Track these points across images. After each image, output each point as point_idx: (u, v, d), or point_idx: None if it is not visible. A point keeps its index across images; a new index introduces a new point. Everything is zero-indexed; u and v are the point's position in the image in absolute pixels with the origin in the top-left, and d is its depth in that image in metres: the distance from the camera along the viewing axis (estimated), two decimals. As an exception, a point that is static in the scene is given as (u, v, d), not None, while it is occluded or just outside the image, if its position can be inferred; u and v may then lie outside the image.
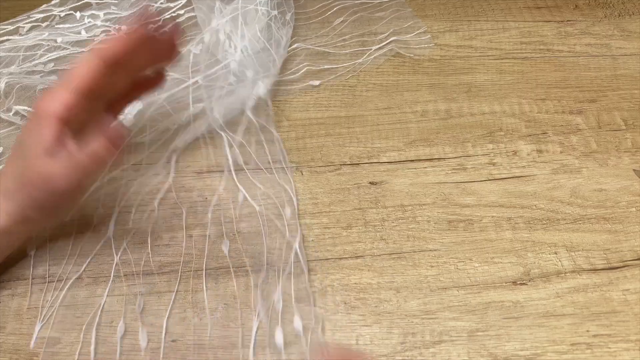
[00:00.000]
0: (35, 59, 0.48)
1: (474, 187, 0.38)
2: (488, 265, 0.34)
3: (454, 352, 0.30)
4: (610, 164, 0.39)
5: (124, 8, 0.53)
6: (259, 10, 0.49)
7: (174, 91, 0.45)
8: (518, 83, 0.45)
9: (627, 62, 0.46)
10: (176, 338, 0.31)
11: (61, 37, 0.50)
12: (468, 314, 0.32)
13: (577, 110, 0.43)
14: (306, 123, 0.42)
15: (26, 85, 0.43)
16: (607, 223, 0.36)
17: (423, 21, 0.50)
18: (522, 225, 0.36)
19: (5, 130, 0.42)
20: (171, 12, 0.53)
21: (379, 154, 0.40)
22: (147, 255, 0.35)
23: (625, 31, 0.49)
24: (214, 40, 0.48)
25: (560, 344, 0.30)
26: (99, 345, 0.31)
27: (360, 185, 0.38)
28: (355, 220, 0.36)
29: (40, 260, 0.35)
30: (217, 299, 0.33)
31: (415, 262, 0.34)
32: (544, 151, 0.40)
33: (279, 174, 0.39)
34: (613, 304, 0.32)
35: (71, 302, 0.33)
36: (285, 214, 0.36)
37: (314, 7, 0.53)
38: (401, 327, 0.31)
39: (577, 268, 0.34)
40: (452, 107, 0.43)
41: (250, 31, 0.49)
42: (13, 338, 0.31)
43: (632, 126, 0.41)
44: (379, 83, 0.45)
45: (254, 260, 0.35)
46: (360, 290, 0.33)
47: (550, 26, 0.50)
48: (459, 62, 0.47)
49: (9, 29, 0.50)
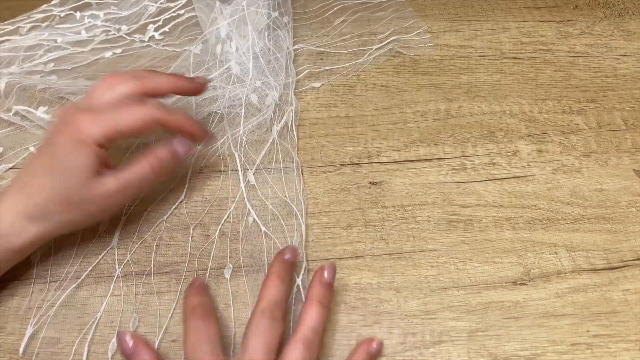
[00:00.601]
0: (36, 59, 0.48)
1: (474, 187, 0.38)
2: (488, 265, 0.34)
3: (454, 352, 0.30)
4: (610, 164, 0.39)
5: (124, 8, 0.53)
6: (259, 12, 0.49)
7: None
8: (518, 83, 0.45)
9: (627, 62, 0.46)
10: (176, 338, 0.31)
11: (61, 37, 0.50)
12: (468, 314, 0.32)
13: (577, 110, 0.43)
14: (306, 123, 0.42)
15: (26, 86, 0.43)
16: (607, 223, 0.36)
17: (423, 21, 0.50)
18: (522, 225, 0.36)
19: (5, 131, 0.42)
20: (171, 12, 0.53)
21: (379, 154, 0.40)
22: (147, 255, 0.35)
23: (625, 31, 0.49)
24: (214, 41, 0.48)
25: (560, 344, 0.30)
26: (99, 345, 0.31)
27: (360, 185, 0.38)
28: (355, 220, 0.36)
29: (41, 260, 0.35)
30: (217, 299, 0.33)
31: (415, 262, 0.34)
32: (544, 151, 0.40)
33: (285, 173, 0.39)
34: (613, 304, 0.32)
35: (71, 302, 0.33)
36: (287, 214, 0.36)
37: (314, 7, 0.53)
38: (401, 327, 0.31)
39: (577, 268, 0.34)
40: (452, 107, 0.43)
41: (251, 32, 0.49)
42: (13, 338, 0.31)
43: (632, 126, 0.41)
44: (379, 83, 0.45)
45: (254, 260, 0.35)
46: (360, 290, 0.33)
47: (550, 26, 0.50)
48: (459, 62, 0.47)
49: (9, 29, 0.50)
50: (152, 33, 0.51)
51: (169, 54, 0.49)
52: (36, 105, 0.43)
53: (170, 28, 0.52)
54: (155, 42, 0.50)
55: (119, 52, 0.49)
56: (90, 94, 0.33)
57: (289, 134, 0.41)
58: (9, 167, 0.40)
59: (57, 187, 0.30)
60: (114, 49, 0.49)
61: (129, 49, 0.49)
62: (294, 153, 0.40)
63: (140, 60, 0.48)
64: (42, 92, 0.43)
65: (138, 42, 0.50)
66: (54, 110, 0.43)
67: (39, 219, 0.30)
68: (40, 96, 0.43)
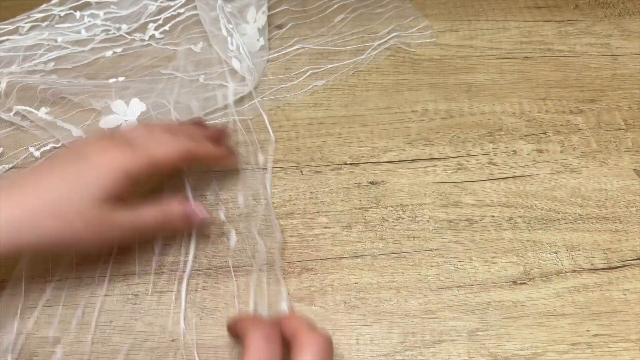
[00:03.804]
0: (36, 59, 0.48)
1: (474, 186, 0.38)
2: (488, 264, 0.34)
3: (454, 352, 0.30)
4: (610, 163, 0.39)
5: (124, 7, 0.53)
6: (259, 10, 0.49)
7: (176, 91, 0.45)
8: (518, 83, 0.45)
9: (627, 62, 0.46)
10: (176, 338, 0.31)
11: (61, 36, 0.50)
12: (468, 313, 0.32)
13: (578, 110, 0.43)
14: (306, 123, 0.42)
15: (27, 86, 0.43)
16: (607, 223, 0.36)
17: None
18: (523, 225, 0.36)
19: (5, 131, 0.42)
20: (171, 10, 0.53)
21: (379, 153, 0.40)
22: (147, 255, 0.35)
23: (626, 31, 0.49)
24: (214, 38, 0.48)
25: (560, 343, 0.30)
26: (99, 345, 0.31)
27: (361, 184, 0.38)
28: (355, 220, 0.36)
29: (41, 260, 0.35)
30: (217, 298, 0.33)
31: (416, 262, 0.34)
32: (544, 151, 0.40)
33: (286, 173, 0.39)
34: (613, 304, 0.32)
35: (71, 302, 0.33)
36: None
37: (314, 5, 0.53)
38: (401, 327, 0.31)
39: (578, 268, 0.34)
40: (453, 106, 0.43)
41: (249, 30, 0.49)
42: (12, 337, 0.31)
43: (632, 126, 0.41)
44: (379, 83, 0.45)
45: (254, 260, 0.35)
46: (360, 289, 0.33)
47: (550, 26, 0.50)
48: (459, 61, 0.47)
49: (9, 28, 0.50)
50: (152, 32, 0.51)
51: (169, 53, 0.49)
52: (37, 105, 0.43)
53: (170, 27, 0.52)
54: (156, 41, 0.50)
55: (119, 51, 0.49)
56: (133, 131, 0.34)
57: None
58: (9, 167, 0.40)
59: (64, 194, 0.28)
60: (114, 48, 0.49)
61: (129, 48, 0.49)
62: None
63: (140, 59, 0.48)
64: (43, 92, 0.43)
65: (138, 41, 0.50)
66: (54, 111, 0.43)
67: (27, 228, 0.27)
68: (41, 96, 0.43)
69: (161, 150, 0.31)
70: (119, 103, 0.41)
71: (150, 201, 0.32)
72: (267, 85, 0.45)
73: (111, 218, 0.29)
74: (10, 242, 0.27)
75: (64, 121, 0.42)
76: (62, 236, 0.28)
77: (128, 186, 0.30)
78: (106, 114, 0.41)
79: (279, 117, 0.43)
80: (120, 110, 0.41)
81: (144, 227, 0.31)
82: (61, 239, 0.28)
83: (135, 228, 0.31)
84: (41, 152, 0.41)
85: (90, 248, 0.31)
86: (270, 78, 0.46)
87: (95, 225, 0.29)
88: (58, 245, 0.29)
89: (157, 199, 0.32)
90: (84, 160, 0.29)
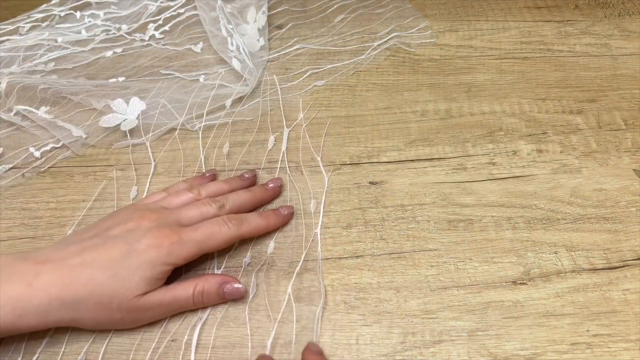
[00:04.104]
0: (36, 59, 0.48)
1: (474, 186, 0.38)
2: (488, 265, 0.34)
3: (454, 352, 0.30)
4: (610, 163, 0.39)
5: (124, 7, 0.53)
6: (259, 10, 0.49)
7: (176, 91, 0.45)
8: (518, 83, 0.45)
9: (627, 62, 0.46)
10: (176, 338, 0.31)
11: (61, 36, 0.50)
12: (468, 313, 0.32)
13: (577, 110, 0.43)
14: (306, 123, 0.42)
15: (27, 86, 0.43)
16: (607, 223, 0.36)
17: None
18: (522, 225, 0.36)
19: (5, 131, 0.42)
20: (171, 10, 0.53)
21: (379, 153, 0.40)
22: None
23: (625, 31, 0.49)
24: (214, 38, 0.48)
25: (560, 343, 0.30)
26: (99, 345, 0.31)
27: (360, 185, 0.38)
28: (355, 220, 0.36)
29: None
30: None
31: (415, 262, 0.34)
32: (544, 151, 0.40)
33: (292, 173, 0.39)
34: (613, 304, 0.32)
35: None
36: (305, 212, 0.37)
37: (314, 5, 0.53)
38: (401, 327, 0.31)
39: (577, 268, 0.34)
40: (452, 106, 0.43)
41: (249, 30, 0.49)
42: (13, 338, 0.31)
43: (632, 126, 0.41)
44: (379, 83, 0.45)
45: (256, 259, 0.35)
46: (360, 290, 0.33)
47: (550, 26, 0.50)
48: (459, 61, 0.47)
49: (9, 28, 0.50)
50: (152, 32, 0.51)
51: (170, 53, 0.49)
52: (37, 105, 0.43)
53: (170, 27, 0.52)
54: (156, 41, 0.50)
55: (120, 52, 0.49)
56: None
57: None
58: (9, 168, 0.40)
59: (110, 288, 0.29)
60: (114, 48, 0.49)
61: (129, 48, 0.49)
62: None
63: (140, 60, 0.48)
64: (43, 92, 0.43)
65: (138, 41, 0.50)
66: (54, 110, 0.43)
67: (67, 308, 0.28)
68: (41, 96, 0.43)
69: (209, 239, 0.31)
70: (118, 102, 0.41)
71: (184, 272, 0.33)
72: (267, 85, 0.45)
73: (149, 302, 0.30)
74: (51, 320, 0.28)
75: (64, 121, 0.42)
76: (101, 323, 0.30)
77: (169, 274, 0.31)
78: (106, 113, 0.41)
79: (278, 117, 0.43)
80: (120, 109, 0.41)
81: (178, 308, 0.32)
82: (99, 325, 0.30)
83: (171, 310, 0.31)
84: (41, 152, 0.41)
85: (125, 328, 0.32)
86: (270, 78, 0.46)
87: (133, 313, 0.30)
88: (94, 328, 0.31)
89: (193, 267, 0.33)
90: (131, 249, 0.29)
